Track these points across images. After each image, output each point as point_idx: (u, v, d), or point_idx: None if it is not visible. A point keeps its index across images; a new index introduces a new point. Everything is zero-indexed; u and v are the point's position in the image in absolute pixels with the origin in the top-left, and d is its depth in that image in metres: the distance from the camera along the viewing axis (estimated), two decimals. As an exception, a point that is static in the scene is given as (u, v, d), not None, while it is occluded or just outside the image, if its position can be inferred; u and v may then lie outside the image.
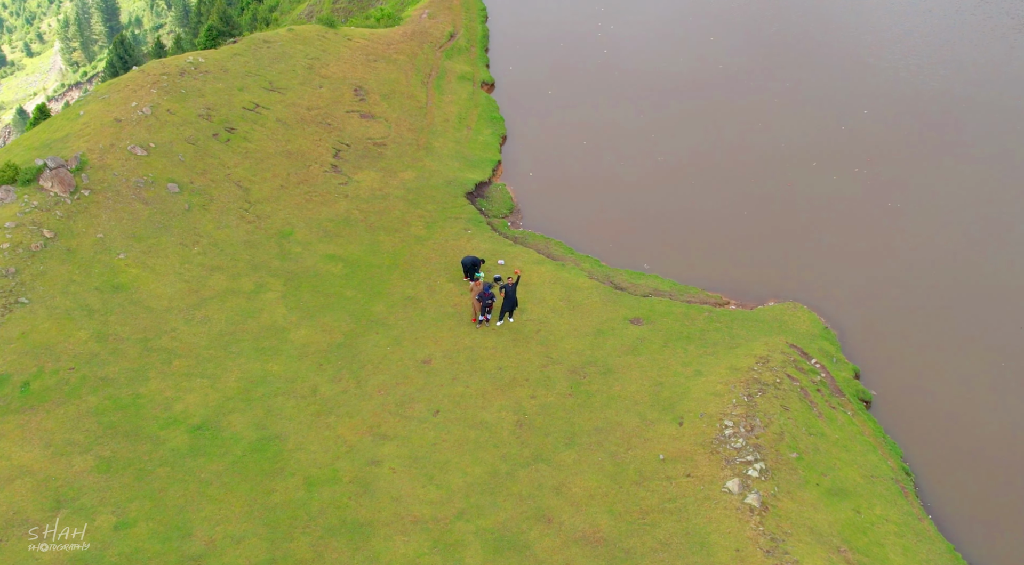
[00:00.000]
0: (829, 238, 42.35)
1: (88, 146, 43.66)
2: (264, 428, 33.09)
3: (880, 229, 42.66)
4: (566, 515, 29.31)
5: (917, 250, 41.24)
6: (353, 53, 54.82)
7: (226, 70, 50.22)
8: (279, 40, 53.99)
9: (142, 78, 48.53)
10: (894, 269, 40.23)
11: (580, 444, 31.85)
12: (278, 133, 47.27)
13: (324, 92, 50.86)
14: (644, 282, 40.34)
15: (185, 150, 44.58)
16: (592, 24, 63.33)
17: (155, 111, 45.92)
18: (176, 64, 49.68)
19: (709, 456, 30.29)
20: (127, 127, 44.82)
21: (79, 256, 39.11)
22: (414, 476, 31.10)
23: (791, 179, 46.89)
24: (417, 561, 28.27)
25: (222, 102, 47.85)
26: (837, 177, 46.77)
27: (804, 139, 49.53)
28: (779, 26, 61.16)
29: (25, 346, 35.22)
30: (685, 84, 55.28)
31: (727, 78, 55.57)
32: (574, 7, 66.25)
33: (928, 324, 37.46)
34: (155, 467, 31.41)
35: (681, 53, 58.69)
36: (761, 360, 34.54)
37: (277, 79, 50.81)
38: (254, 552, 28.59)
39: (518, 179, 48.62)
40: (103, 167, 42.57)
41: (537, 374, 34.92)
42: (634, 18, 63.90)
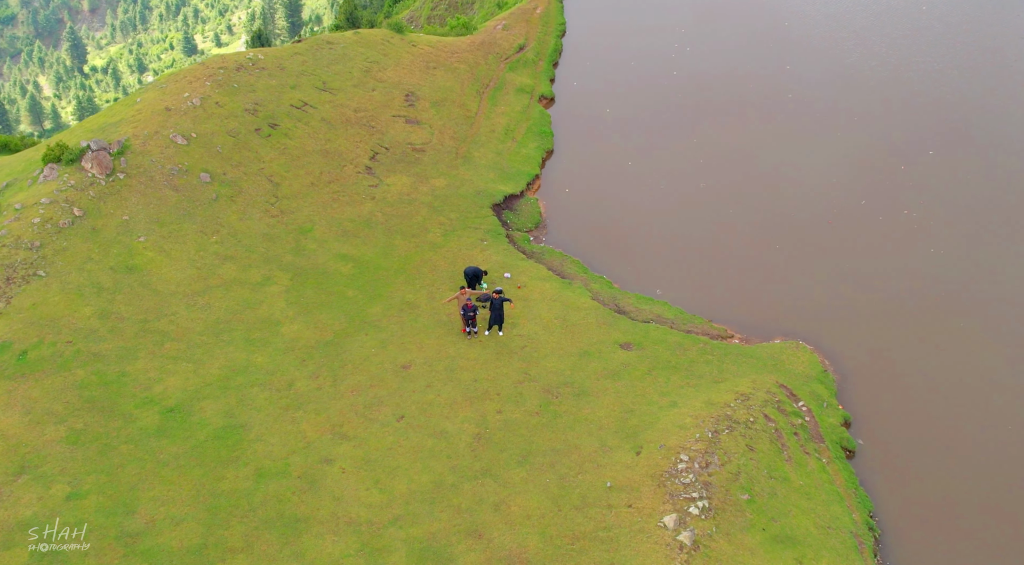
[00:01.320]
0: (856, 281, 40.67)
1: (134, 132, 45.44)
2: (232, 417, 33.74)
3: (913, 277, 40.72)
4: (498, 532, 28.93)
5: (947, 304, 39.17)
6: (414, 59, 55.52)
7: (283, 68, 51.55)
8: (342, 42, 55.14)
9: (201, 70, 50.29)
10: (919, 323, 38.33)
11: (532, 463, 31.39)
12: (320, 132, 48.24)
13: (375, 95, 51.67)
14: (649, 308, 39.51)
15: (224, 142, 45.93)
16: (669, 44, 62.47)
17: (204, 103, 47.49)
18: (236, 59, 51.30)
19: (655, 489, 29.45)
20: (175, 116, 46.48)
21: (102, 236, 40.69)
22: (361, 478, 31.21)
23: (834, 216, 45.11)
24: (340, 562, 28.37)
25: (271, 98, 49.13)
26: (883, 218, 44.85)
27: (859, 175, 47.69)
28: (860, 55, 59.05)
29: (32, 317, 36.83)
30: (747, 111, 54.00)
31: (793, 108, 53.98)
32: (656, 26, 65.46)
33: (938, 383, 35.54)
34: (120, 444, 32.38)
35: (751, 79, 57.35)
36: (741, 397, 33.41)
37: (331, 80, 51.87)
38: (189, 535, 29.16)
39: (553, 195, 48.33)
40: (143, 153, 44.23)
41: (510, 390, 34.60)
42: (713, 41, 62.77)
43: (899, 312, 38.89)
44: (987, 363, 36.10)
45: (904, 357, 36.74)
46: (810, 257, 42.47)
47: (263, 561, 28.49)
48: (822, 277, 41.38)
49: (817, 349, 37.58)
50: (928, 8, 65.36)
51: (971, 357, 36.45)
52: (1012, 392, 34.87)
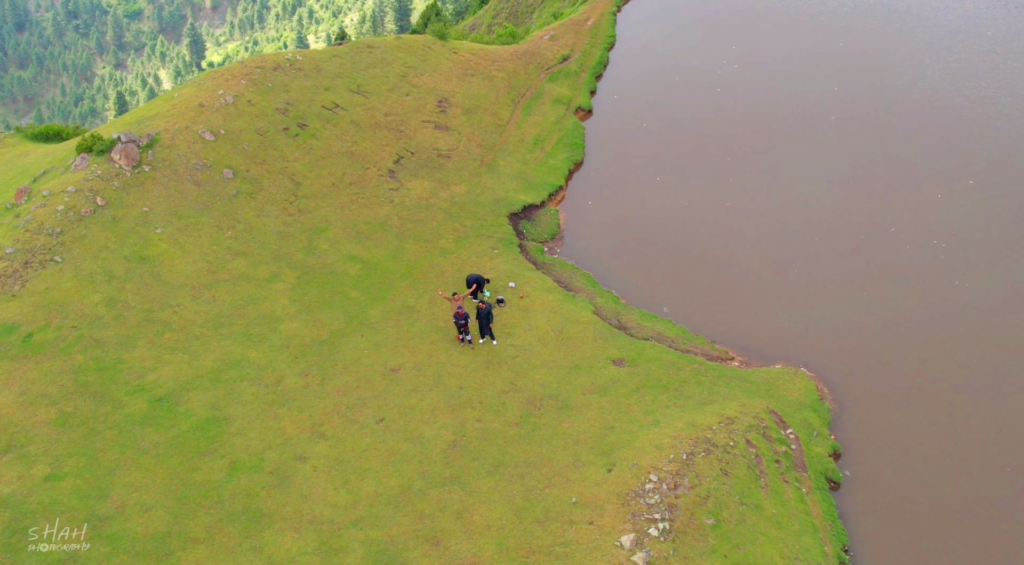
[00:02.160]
0: (872, 311, 39.54)
1: (166, 126, 46.52)
2: (216, 409, 34.22)
3: (932, 311, 39.42)
4: (455, 541, 28.80)
5: (963, 345, 37.76)
6: (452, 66, 55.78)
7: (319, 69, 52.26)
8: (383, 46, 55.68)
9: (239, 69, 51.28)
10: (930, 360, 37.01)
11: (502, 474, 31.18)
12: (348, 134, 48.75)
13: (408, 100, 52.04)
14: (651, 325, 39.00)
15: (251, 140, 46.72)
16: (717, 61, 61.71)
17: (236, 101, 48.39)
18: (274, 59, 52.18)
19: (619, 507, 29.00)
20: (206, 113, 47.45)
21: (120, 225, 41.70)
22: (331, 478, 31.37)
23: (861, 242, 43.99)
24: (297, 559, 28.53)
25: (303, 99, 49.83)
26: (910, 247, 43.58)
27: (893, 201, 46.39)
28: (911, 78, 57.52)
29: (43, 301, 37.89)
30: (785, 131, 52.99)
31: (834, 131, 52.77)
32: (707, 42, 64.72)
33: (939, 425, 34.31)
34: (105, 429, 33.08)
35: (795, 98, 56.29)
36: (726, 420, 32.74)
37: (366, 83, 52.40)
38: (155, 523, 29.64)
39: (575, 206, 48.07)
40: (171, 147, 45.24)
41: (494, 399, 34.46)
42: (763, 58, 61.79)
43: (911, 346, 37.68)
44: (995, 413, 34.64)
45: (908, 394, 35.59)
46: (829, 283, 41.44)
47: (222, 553, 28.76)
48: (837, 304, 40.33)
49: (818, 377, 36.63)
50: (993, 34, 63.37)
51: (979, 403, 35.02)
52: (1014, 444, 33.48)
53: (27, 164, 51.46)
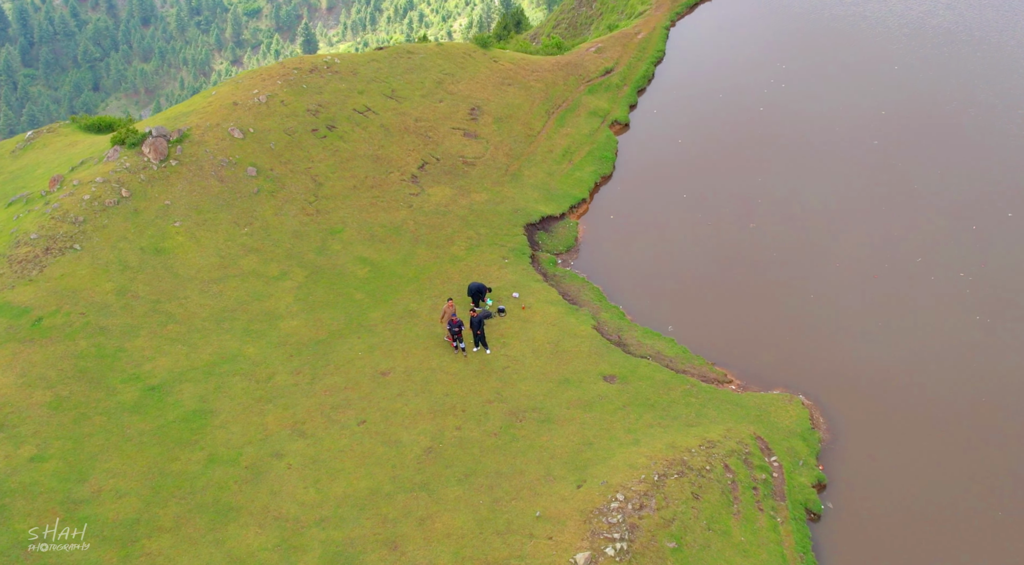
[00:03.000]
0: (885, 342, 38.44)
1: (198, 122, 47.51)
2: (205, 402, 34.75)
3: (947, 347, 38.15)
4: (413, 547, 28.76)
5: (974, 384, 36.43)
6: (490, 74, 55.88)
7: (355, 73, 52.84)
8: (423, 52, 56.05)
9: (277, 69, 52.13)
10: (936, 398, 35.78)
11: (472, 483, 31.06)
12: (376, 138, 49.16)
13: (441, 106, 52.27)
14: (651, 343, 38.49)
15: (279, 139, 47.42)
16: (764, 79, 60.72)
17: (269, 100, 49.18)
18: (312, 61, 52.92)
19: (580, 524, 28.65)
20: (239, 111, 48.33)
21: (141, 217, 42.67)
22: (304, 476, 31.60)
23: (885, 271, 42.82)
24: (255, 554, 28.80)
25: (335, 101, 50.41)
26: (935, 279, 42.27)
27: (924, 230, 45.00)
28: (961, 102, 55.80)
29: (58, 287, 38.95)
30: (823, 154, 51.82)
31: (874, 156, 51.36)
32: (758, 59, 63.70)
33: (932, 464, 33.17)
34: (95, 415, 33.82)
35: (839, 121, 55.01)
36: (707, 444, 32.14)
37: (401, 88, 52.80)
38: (126, 509, 30.21)
39: (596, 220, 47.73)
40: (200, 143, 46.16)
41: (477, 408, 34.35)
42: (812, 78, 60.55)
43: (920, 383, 36.49)
44: (993, 463, 33.24)
45: (908, 432, 34.48)
46: (843, 311, 40.41)
47: (185, 544, 29.17)
48: (849, 334, 39.31)
49: (816, 406, 35.74)
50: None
51: (980, 451, 33.65)
52: (1007, 492, 32.18)
53: (72, 154, 52.99)
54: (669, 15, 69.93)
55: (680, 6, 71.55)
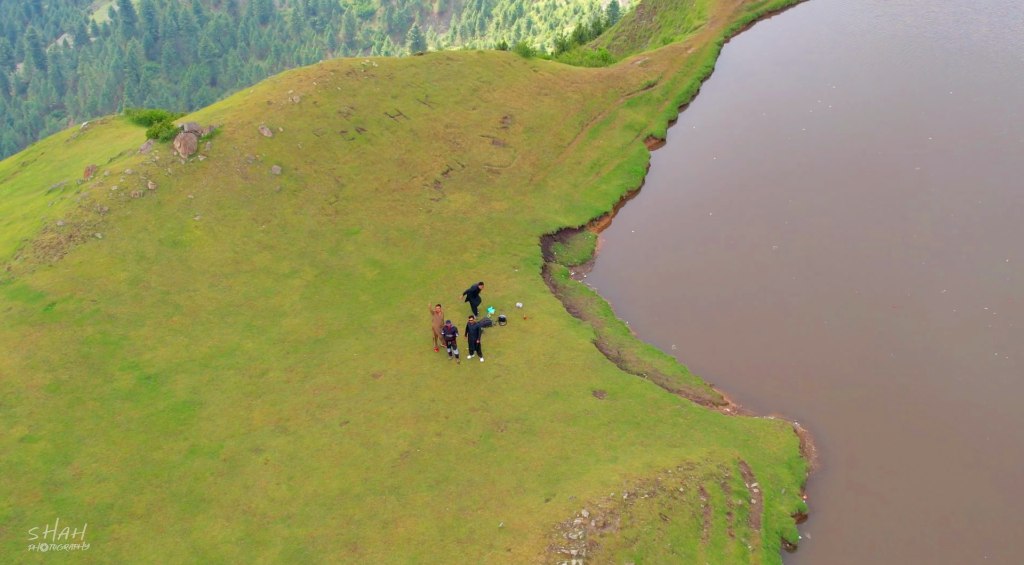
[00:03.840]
0: (894, 374, 37.22)
1: (231, 119, 48.40)
2: (196, 393, 35.31)
3: (958, 382, 36.83)
4: (373, 550, 28.80)
5: (983, 426, 35.11)
6: (528, 84, 55.83)
7: (392, 77, 53.26)
8: (462, 59, 56.25)
9: (315, 71, 52.85)
10: (938, 437, 34.55)
11: (442, 490, 30.97)
12: (403, 142, 49.47)
13: (473, 114, 52.38)
14: (650, 360, 37.98)
15: (307, 139, 48.03)
16: (811, 99, 59.51)
17: (303, 101, 49.87)
18: (350, 64, 53.51)
19: (541, 538, 28.36)
20: (271, 110, 49.11)
21: (163, 209, 43.60)
22: (279, 472, 31.88)
23: (907, 301, 41.60)
24: (218, 546, 29.14)
25: (368, 104, 50.89)
26: (957, 311, 40.91)
27: (950, 261, 43.53)
28: (1017, 127, 53.90)
29: (74, 273, 40.02)
30: (860, 179, 50.43)
31: (913, 184, 49.75)
32: (808, 78, 62.47)
33: (920, 502, 32.06)
34: (89, 400, 34.62)
35: (882, 146, 53.51)
36: (685, 466, 31.55)
37: (435, 94, 53.05)
38: (102, 494, 30.84)
39: (617, 234, 47.31)
40: (230, 140, 47.02)
41: (460, 415, 34.26)
42: (861, 100, 59.09)
43: (925, 420, 35.25)
44: (992, 510, 31.93)
45: (903, 468, 33.36)
46: (856, 340, 39.32)
47: (152, 531, 29.66)
48: (858, 363, 38.21)
49: (810, 434, 34.83)
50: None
51: (977, 496, 32.34)
52: (997, 540, 30.94)
53: (116, 145, 54.39)
54: (724, 31, 69.07)
55: (736, 22, 70.64)
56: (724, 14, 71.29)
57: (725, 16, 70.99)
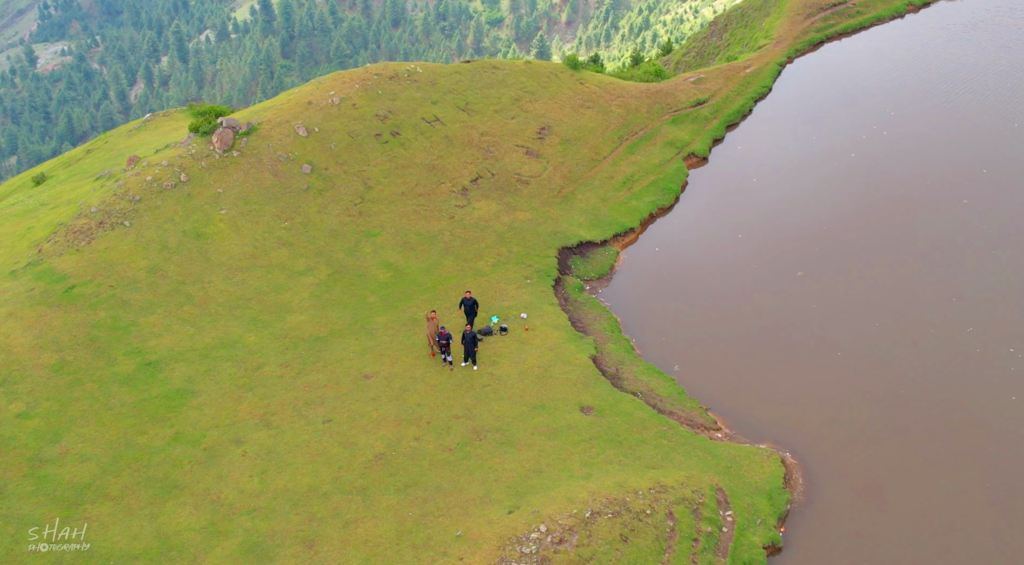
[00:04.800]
0: (901, 414, 35.85)
1: (271, 118, 49.35)
2: (190, 382, 35.99)
3: (969, 430, 35.34)
4: (328, 548, 28.96)
5: (991, 475, 33.62)
6: (571, 96, 55.58)
7: (434, 83, 53.58)
8: (508, 69, 56.28)
9: (360, 74, 53.53)
10: (944, 484, 33.20)
11: (408, 494, 30.96)
12: (437, 147, 49.70)
13: (511, 123, 52.35)
14: (647, 380, 37.37)
15: (340, 141, 48.64)
16: (867, 124, 57.83)
17: (342, 103, 50.53)
18: (395, 68, 54.02)
19: (494, 549, 28.12)
20: (311, 110, 49.89)
21: (192, 202, 44.63)
22: (254, 465, 32.29)
23: (930, 339, 40.09)
24: (181, 533, 29.67)
25: (406, 109, 51.27)
26: (981, 351, 39.24)
27: (980, 299, 41.68)
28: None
29: (98, 259, 41.24)
30: (900, 206, 48.69)
31: (958, 213, 47.74)
32: (865, 101, 60.72)
33: (911, 548, 30.87)
34: (88, 381, 35.61)
35: (932, 174, 51.45)
36: (659, 488, 30.93)
37: (476, 101, 53.19)
38: (82, 474, 31.70)
39: (640, 251, 46.71)
40: (265, 137, 47.92)
41: (442, 421, 34.20)
42: (919, 128, 57.10)
43: (926, 463, 33.82)
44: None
45: (894, 510, 32.10)
46: (869, 374, 37.94)
47: (121, 514, 30.32)
48: (867, 398, 36.87)
49: (800, 466, 33.78)
50: None
51: (961, 548, 31.07)
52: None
53: (169, 138, 55.95)
54: (788, 51, 67.66)
55: (802, 43, 69.12)
56: (791, 34, 69.82)
57: (791, 36, 69.53)
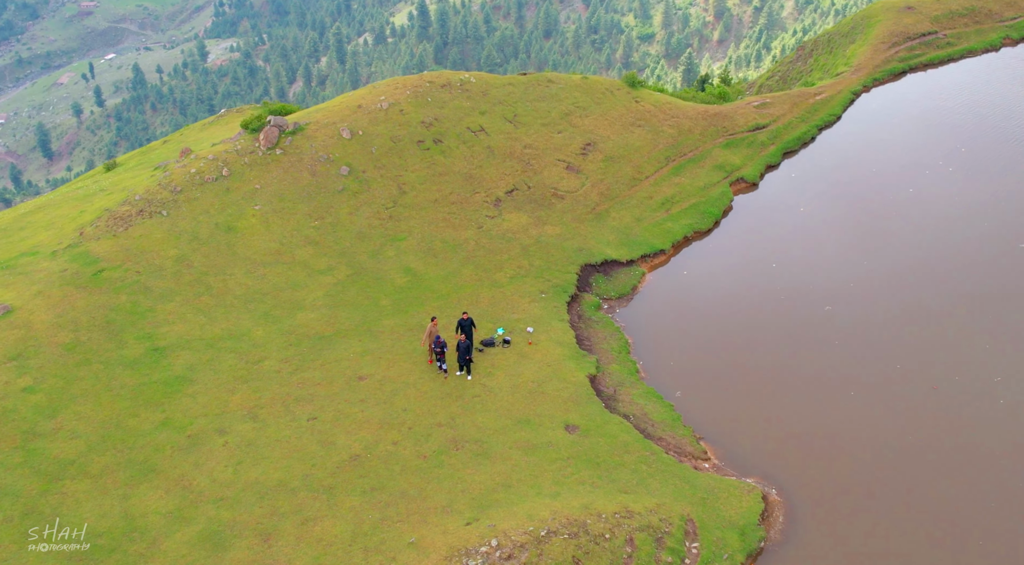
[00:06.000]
0: (906, 463, 34.32)
1: (320, 119, 50.29)
2: (191, 370, 36.80)
3: (979, 485, 33.66)
4: (283, 544, 29.18)
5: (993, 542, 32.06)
6: (624, 113, 54.98)
7: (485, 93, 53.72)
8: (562, 83, 56.04)
9: (414, 81, 54.07)
10: (939, 541, 31.84)
11: (373, 497, 30.99)
12: (477, 157, 49.77)
13: (556, 138, 52.09)
14: (643, 403, 36.63)
15: (382, 145, 49.16)
16: (932, 161, 55.62)
17: (391, 108, 51.11)
18: (448, 77, 54.38)
19: (441, 559, 27.90)
20: (359, 113, 50.63)
21: (229, 196, 45.74)
22: (231, 455, 32.81)
23: (948, 384, 38.37)
24: (147, 515, 30.33)
25: (452, 117, 51.52)
26: (1004, 402, 37.25)
27: (1015, 349, 39.81)
28: None
29: (131, 245, 42.60)
30: (948, 247, 46.56)
31: (1008, 261, 45.67)
32: (938, 137, 58.30)
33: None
34: (96, 362, 36.74)
35: (987, 215, 49.13)
36: (625, 513, 30.27)
37: (524, 114, 53.10)
38: (69, 450, 32.74)
39: (669, 274, 45.82)
40: (310, 137, 48.82)
41: (424, 428, 34.14)
42: (989, 166, 54.54)
43: (921, 519, 32.34)
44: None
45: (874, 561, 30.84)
46: (879, 417, 36.39)
47: (95, 492, 31.15)
48: (872, 440, 35.37)
49: (783, 504, 32.58)
50: None
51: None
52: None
53: (232, 133, 57.30)
54: (864, 80, 65.61)
55: (882, 73, 66.95)
56: (871, 63, 67.67)
57: (872, 65, 67.38)
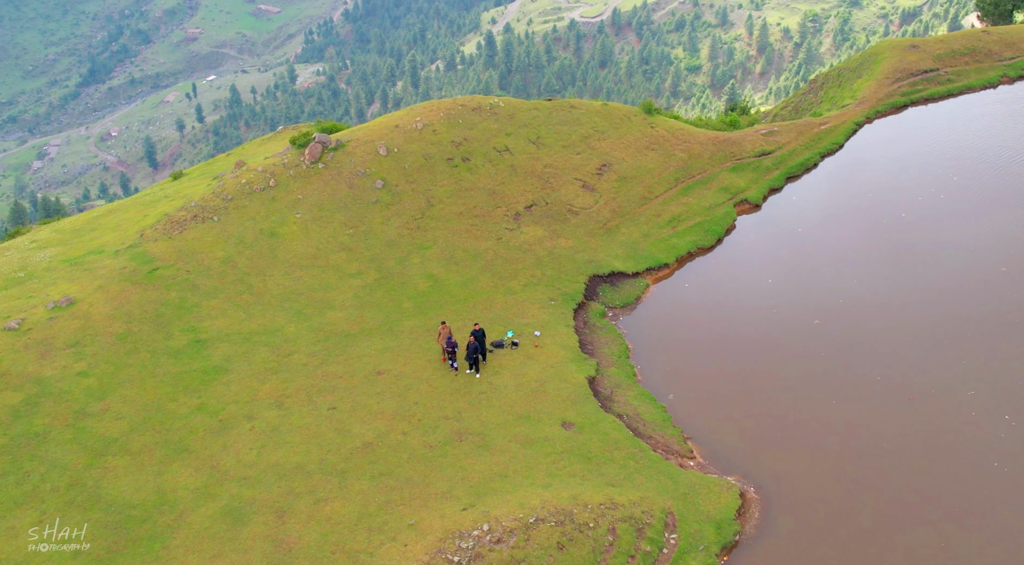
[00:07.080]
0: (878, 467, 33.96)
1: (360, 137, 50.87)
2: (228, 361, 37.42)
3: (952, 495, 33.16)
4: (294, 521, 29.56)
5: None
6: (638, 138, 54.89)
7: (512, 117, 53.93)
8: (584, 109, 56.09)
9: (448, 104, 54.46)
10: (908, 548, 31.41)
11: (380, 482, 31.23)
12: (500, 175, 49.99)
13: (575, 158, 52.15)
14: (636, 404, 36.56)
15: (414, 161, 49.57)
16: (928, 189, 54.72)
17: (424, 128, 51.52)
18: (479, 101, 54.67)
19: (436, 541, 28.08)
20: (395, 133, 51.11)
21: (274, 204, 46.42)
22: (256, 439, 33.32)
23: (926, 395, 37.81)
24: (176, 490, 31.05)
25: (481, 138, 51.80)
26: (976, 414, 36.64)
27: (994, 367, 38.99)
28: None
29: (184, 247, 43.41)
30: (941, 271, 45.79)
31: (999, 284, 44.83)
32: (933, 167, 57.29)
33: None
34: (144, 351, 37.54)
35: (981, 246, 48.08)
36: (610, 504, 30.26)
37: (547, 136, 53.23)
38: (113, 429, 33.52)
39: (670, 286, 45.65)
40: (350, 153, 49.39)
41: (432, 421, 34.37)
42: (983, 199, 53.36)
43: (891, 520, 31.90)
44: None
45: (842, 554, 30.48)
46: (857, 425, 35.97)
47: (133, 468, 31.83)
48: (848, 445, 35.03)
49: (761, 501, 32.32)
50: None
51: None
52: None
53: (280, 150, 58.02)
54: (868, 112, 64.80)
55: (885, 105, 66.05)
56: (875, 96, 66.85)
57: (876, 98, 66.55)
